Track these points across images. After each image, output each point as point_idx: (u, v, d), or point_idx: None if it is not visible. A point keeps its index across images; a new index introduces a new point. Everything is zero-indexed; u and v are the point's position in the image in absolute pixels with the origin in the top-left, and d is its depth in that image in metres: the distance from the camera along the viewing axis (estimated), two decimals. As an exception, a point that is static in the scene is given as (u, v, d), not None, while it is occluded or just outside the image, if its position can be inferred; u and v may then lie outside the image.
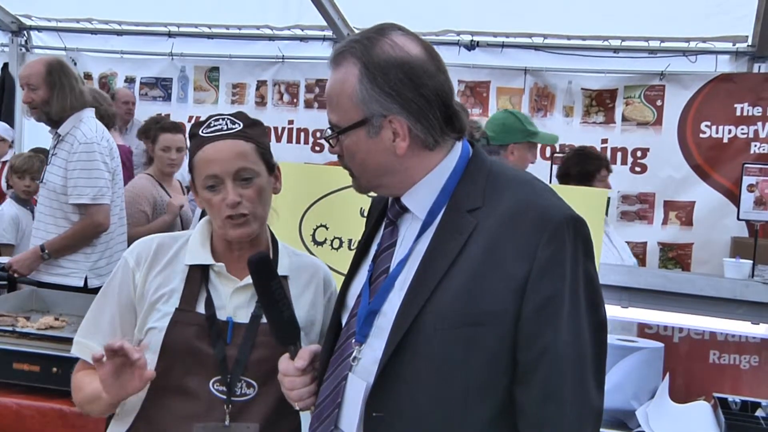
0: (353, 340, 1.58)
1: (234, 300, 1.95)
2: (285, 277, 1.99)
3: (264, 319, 1.91)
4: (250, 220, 1.93)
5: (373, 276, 1.60)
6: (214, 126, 1.95)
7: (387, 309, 1.53)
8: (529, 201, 1.49)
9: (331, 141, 1.61)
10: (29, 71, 3.99)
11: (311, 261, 2.12)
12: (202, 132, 1.95)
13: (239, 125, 1.96)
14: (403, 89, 1.50)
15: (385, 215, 1.67)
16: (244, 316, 1.93)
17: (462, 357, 1.44)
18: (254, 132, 1.98)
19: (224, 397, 1.88)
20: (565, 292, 1.44)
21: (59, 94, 3.91)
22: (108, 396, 1.82)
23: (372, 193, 1.78)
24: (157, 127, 5.03)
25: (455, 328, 1.44)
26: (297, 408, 1.72)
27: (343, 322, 1.66)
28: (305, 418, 2.03)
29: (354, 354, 1.56)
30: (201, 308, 1.92)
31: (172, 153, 4.77)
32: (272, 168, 2.01)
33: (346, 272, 2.76)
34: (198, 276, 1.95)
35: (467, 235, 1.48)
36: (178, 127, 4.98)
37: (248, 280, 1.94)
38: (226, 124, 1.95)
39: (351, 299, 1.66)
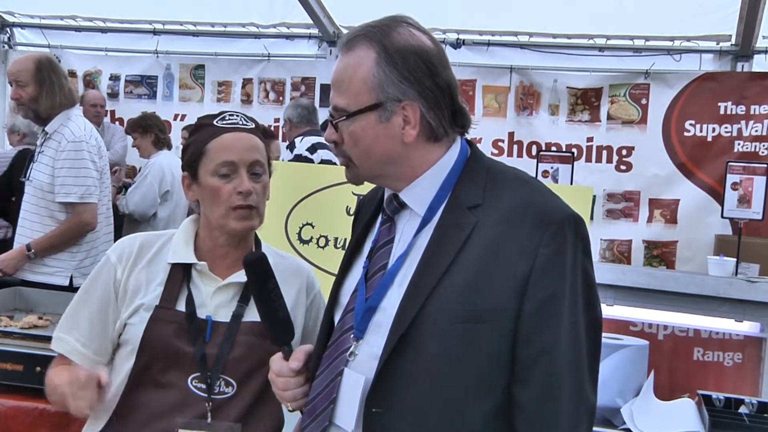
0: (351, 336, 1.57)
1: (215, 299, 1.95)
2: None
3: (245, 318, 1.93)
4: (254, 215, 1.97)
5: (369, 272, 1.59)
6: (230, 119, 1.99)
7: (386, 305, 1.53)
8: (530, 199, 1.50)
9: (335, 126, 1.58)
10: (18, 67, 3.96)
11: (296, 263, 2.13)
12: (217, 122, 1.97)
13: (253, 124, 2.01)
14: (421, 76, 1.51)
15: (378, 213, 1.67)
16: (225, 315, 1.94)
17: (462, 354, 1.44)
18: (263, 136, 2.05)
19: (204, 394, 1.88)
20: (565, 291, 1.45)
21: (48, 91, 3.89)
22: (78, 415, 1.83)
23: (357, 192, 1.78)
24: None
25: (456, 325, 1.44)
26: (290, 409, 1.71)
27: (336, 318, 1.65)
28: (290, 420, 2.04)
29: (351, 349, 1.55)
30: (181, 306, 1.92)
31: None
32: (270, 171, 2.07)
33: (331, 270, 2.76)
34: (180, 274, 1.95)
35: (468, 232, 1.48)
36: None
37: (231, 279, 1.96)
38: (242, 120, 2.00)
39: (344, 296, 1.65)
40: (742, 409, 2.85)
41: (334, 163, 4.63)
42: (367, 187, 1.74)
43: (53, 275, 3.88)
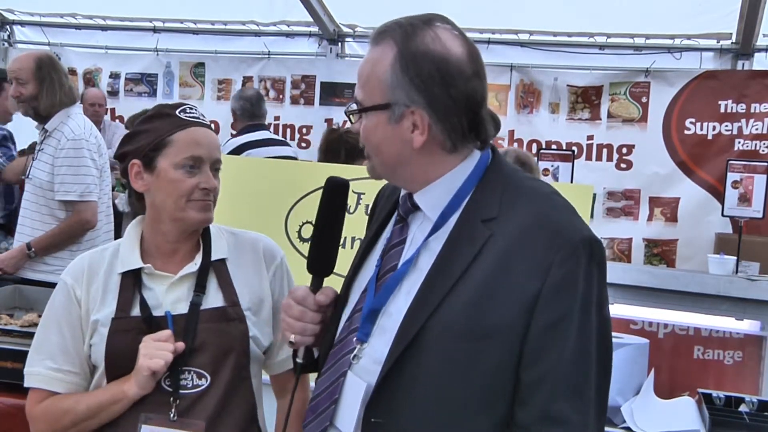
0: (355, 338, 1.55)
1: (170, 295, 1.92)
2: (223, 260, 1.98)
3: (204, 306, 1.91)
4: (211, 207, 1.95)
5: (381, 271, 1.57)
6: (192, 113, 1.96)
7: (392, 310, 1.51)
8: (546, 217, 1.46)
9: (352, 117, 1.57)
10: (18, 65, 3.96)
11: (250, 237, 2.08)
12: (180, 114, 1.94)
13: (208, 121, 2.00)
14: (433, 85, 1.46)
15: (395, 210, 1.64)
16: (183, 308, 1.91)
17: (465, 370, 1.42)
18: None
19: (171, 389, 1.86)
20: (574, 314, 1.41)
21: (48, 89, 3.89)
22: (140, 390, 1.83)
23: (358, 191, 1.77)
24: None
25: (461, 340, 1.41)
26: (291, 340, 1.64)
27: (345, 316, 1.63)
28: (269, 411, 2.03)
29: (355, 352, 1.53)
30: (137, 311, 1.90)
31: None
32: None
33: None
34: (130, 281, 1.93)
35: (480, 246, 1.44)
36: None
37: (183, 272, 1.94)
38: (201, 115, 1.97)
39: (355, 294, 1.63)
40: (743, 408, 2.85)
41: None
42: (369, 186, 1.73)
43: (53, 273, 3.88)
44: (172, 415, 1.84)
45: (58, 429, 1.93)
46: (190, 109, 1.97)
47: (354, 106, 1.56)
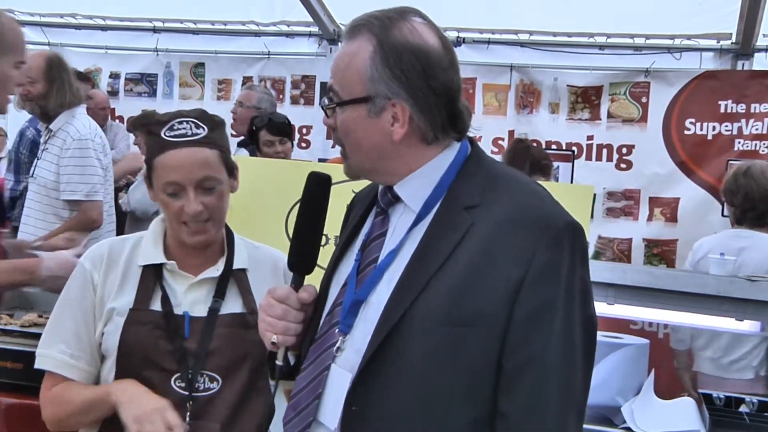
0: (337, 330, 1.54)
1: (190, 296, 1.93)
2: (243, 270, 1.98)
3: (222, 311, 1.92)
4: (208, 227, 1.92)
5: (361, 265, 1.56)
6: (178, 130, 1.89)
7: (374, 300, 1.50)
8: (528, 205, 1.46)
9: (327, 111, 1.56)
10: (28, 64, 3.97)
11: (271, 253, 2.09)
12: (165, 134, 1.89)
13: (204, 130, 1.90)
14: (414, 76, 1.47)
15: (372, 207, 1.64)
16: (201, 311, 1.92)
17: (447, 357, 1.40)
18: (218, 136, 1.94)
19: (186, 393, 1.86)
20: (559, 300, 1.40)
21: (59, 89, 3.91)
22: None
23: (358, 190, 1.77)
24: None
25: (443, 328, 1.40)
26: (273, 341, 1.57)
27: (325, 312, 1.61)
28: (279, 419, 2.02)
29: (338, 344, 1.52)
30: (156, 306, 1.90)
31: None
32: (232, 170, 1.98)
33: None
34: (151, 275, 1.93)
35: (462, 234, 1.44)
36: None
37: (203, 275, 1.95)
38: (191, 128, 1.89)
39: (334, 289, 1.62)
40: (743, 408, 2.85)
41: None
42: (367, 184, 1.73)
43: (54, 273, 3.88)
44: (187, 419, 1.84)
45: (62, 418, 1.94)
46: (180, 123, 1.90)
47: (329, 101, 1.55)
